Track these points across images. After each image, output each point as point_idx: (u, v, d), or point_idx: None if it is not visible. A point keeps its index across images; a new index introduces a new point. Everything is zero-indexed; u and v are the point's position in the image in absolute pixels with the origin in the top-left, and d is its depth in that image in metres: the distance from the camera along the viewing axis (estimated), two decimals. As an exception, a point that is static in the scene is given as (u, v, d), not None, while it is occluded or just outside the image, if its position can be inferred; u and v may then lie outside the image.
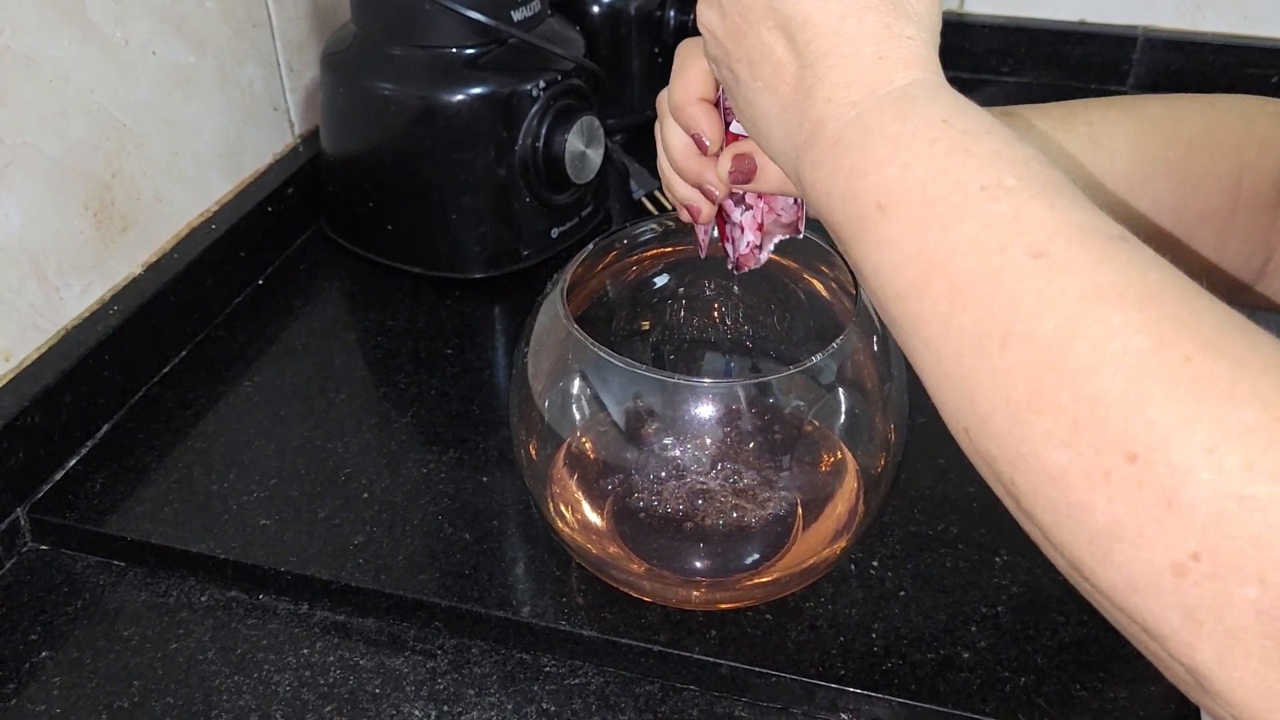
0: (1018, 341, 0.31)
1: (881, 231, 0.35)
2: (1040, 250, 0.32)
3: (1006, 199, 0.33)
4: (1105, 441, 0.29)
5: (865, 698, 0.52)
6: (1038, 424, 0.30)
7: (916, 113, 0.36)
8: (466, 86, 0.75)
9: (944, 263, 0.33)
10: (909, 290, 0.34)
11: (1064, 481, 0.30)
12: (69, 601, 0.58)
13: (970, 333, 0.32)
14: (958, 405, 0.33)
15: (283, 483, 0.63)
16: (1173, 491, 0.27)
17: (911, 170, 0.35)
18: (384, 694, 0.53)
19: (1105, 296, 0.30)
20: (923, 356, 0.35)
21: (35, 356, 0.65)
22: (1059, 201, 0.33)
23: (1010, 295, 0.31)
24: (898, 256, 0.35)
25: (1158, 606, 0.28)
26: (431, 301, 0.79)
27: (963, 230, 0.33)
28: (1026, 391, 0.30)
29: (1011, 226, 0.32)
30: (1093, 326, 0.30)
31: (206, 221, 0.78)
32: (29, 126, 0.62)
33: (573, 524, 0.55)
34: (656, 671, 0.54)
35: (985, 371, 0.32)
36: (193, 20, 0.74)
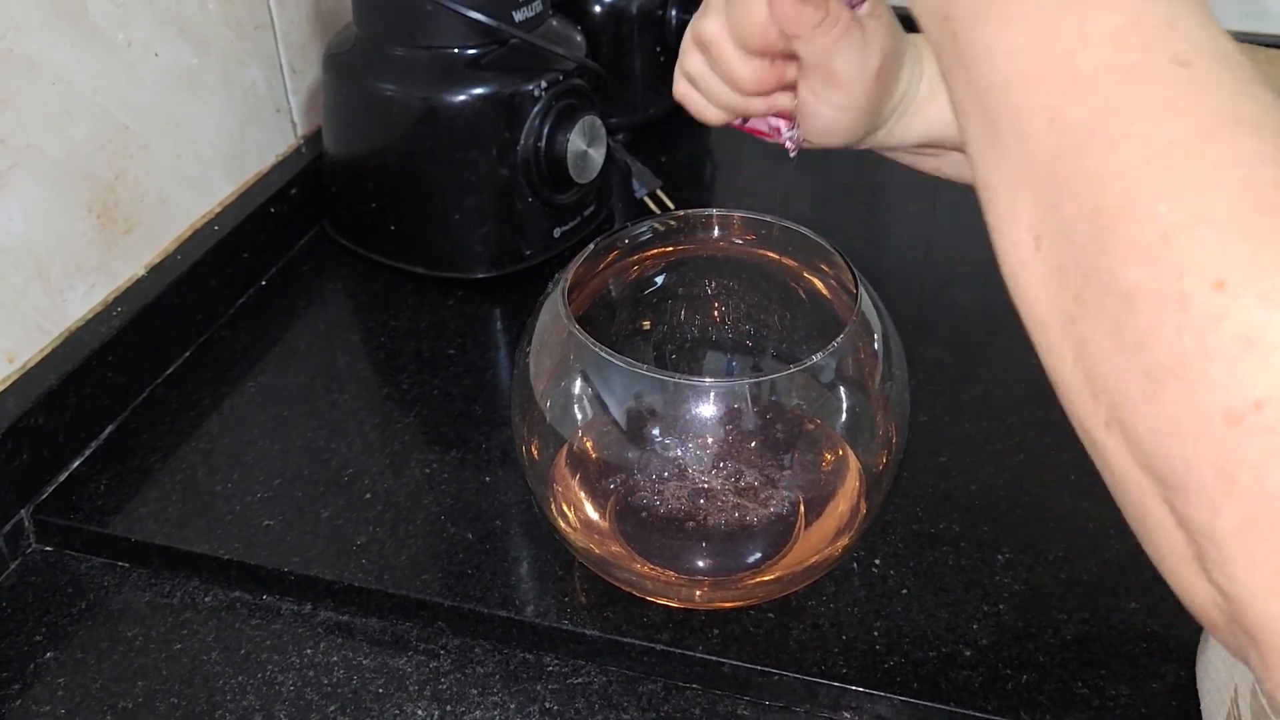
0: (1131, 144, 0.28)
1: (1012, 6, 0.31)
2: (1186, 60, 0.29)
3: (1165, 5, 0.30)
4: (1195, 264, 0.26)
5: (867, 696, 0.52)
6: (1123, 233, 0.28)
7: None
8: (468, 87, 0.75)
9: (1073, 49, 0.30)
10: (1024, 78, 0.31)
11: (1135, 302, 0.27)
12: (73, 602, 0.59)
13: (1079, 128, 0.29)
14: (1038, 209, 0.30)
15: (286, 483, 0.64)
16: (1258, 328, 0.25)
17: None
18: (387, 693, 0.53)
19: (1241, 122, 0.28)
20: (1009, 155, 0.32)
21: (39, 358, 0.65)
22: (1212, 24, 0.30)
23: (1139, 95, 0.29)
24: (1022, 36, 0.31)
25: (1194, 456, 0.26)
26: (434, 301, 0.80)
27: (1108, 20, 0.30)
28: (1121, 197, 0.28)
29: (1161, 29, 0.29)
30: (1220, 147, 0.27)
31: (209, 223, 0.78)
32: (32, 129, 0.62)
33: (575, 523, 0.55)
34: (659, 670, 0.55)
35: (1082, 171, 0.29)
36: (195, 22, 0.74)
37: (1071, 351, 0.30)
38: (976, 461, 0.64)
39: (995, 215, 0.32)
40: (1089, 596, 0.56)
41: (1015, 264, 0.32)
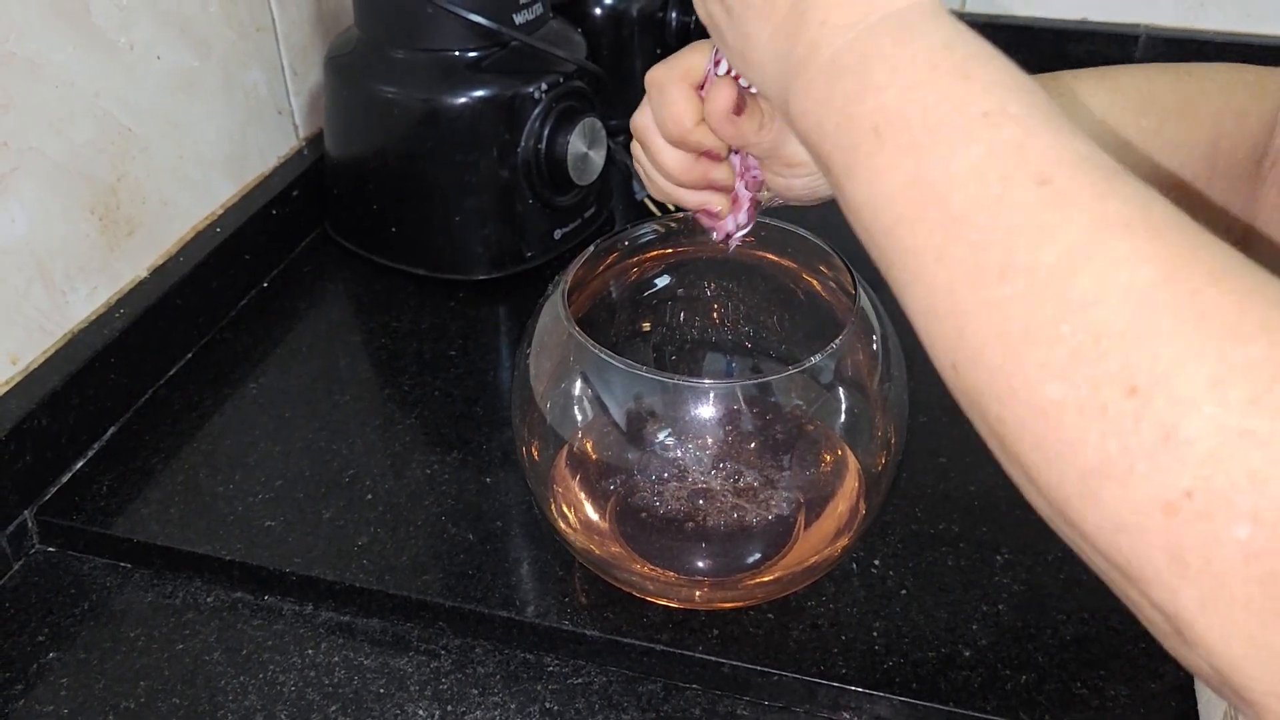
0: (1017, 272, 0.30)
1: (877, 159, 0.34)
2: (1046, 178, 0.31)
3: (1011, 126, 0.32)
4: (1105, 375, 0.28)
5: (867, 696, 0.53)
6: (1032, 356, 0.29)
7: (916, 37, 0.35)
8: (469, 89, 0.75)
9: (942, 191, 0.32)
10: (902, 221, 0.33)
11: (1056, 417, 0.29)
12: (76, 603, 0.59)
13: (966, 263, 0.31)
14: (947, 339, 0.32)
15: (288, 484, 0.64)
16: (1172, 425, 0.26)
17: (912, 94, 0.34)
18: (388, 694, 0.54)
19: (1111, 227, 0.29)
20: (913, 290, 0.33)
21: (42, 360, 0.65)
22: (1062, 131, 0.32)
23: (1012, 224, 0.30)
24: (893, 185, 0.33)
25: (1144, 547, 0.27)
26: (435, 303, 0.80)
27: (965, 156, 0.32)
28: (1023, 323, 0.29)
29: (1015, 154, 0.31)
30: (1099, 257, 0.29)
31: (211, 225, 0.78)
32: (34, 131, 0.63)
33: (575, 524, 0.56)
34: (659, 671, 0.55)
35: (980, 303, 0.31)
36: (197, 24, 0.74)
37: (1011, 465, 0.32)
38: (976, 462, 0.64)
39: (921, 340, 0.34)
40: (1088, 597, 0.56)
41: (949, 386, 0.34)
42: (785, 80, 0.38)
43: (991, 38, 1.12)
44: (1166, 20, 1.07)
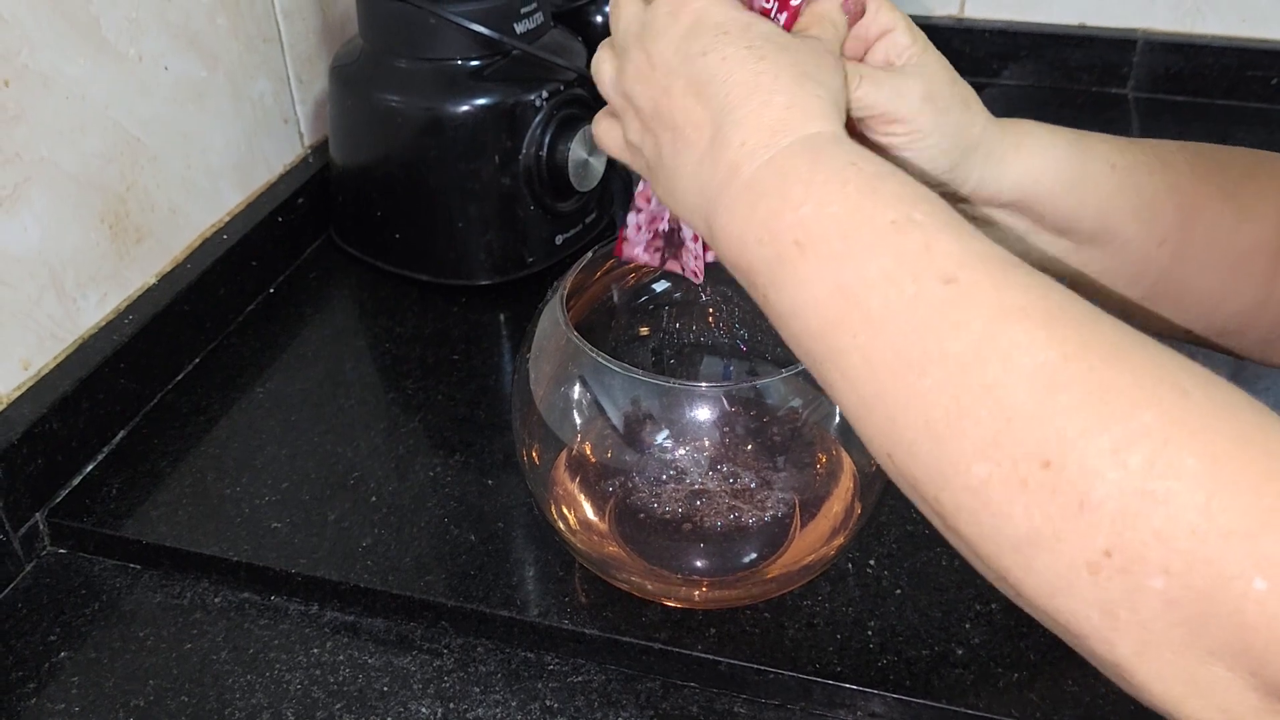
0: (934, 364, 0.33)
1: (800, 270, 0.37)
2: (950, 277, 0.34)
3: (916, 232, 0.35)
4: (1022, 452, 0.31)
5: (861, 694, 0.53)
6: (958, 441, 0.32)
7: (827, 158, 0.38)
8: (471, 97, 0.77)
9: (861, 295, 0.35)
10: (828, 325, 0.36)
11: (985, 494, 0.31)
12: (87, 603, 0.60)
13: (889, 360, 0.34)
14: (881, 431, 0.35)
15: (294, 486, 0.65)
16: (1083, 493, 0.29)
17: (827, 209, 0.37)
18: (392, 692, 0.55)
19: (1012, 316, 0.32)
20: (844, 389, 0.36)
21: (53, 365, 0.66)
22: (962, 233, 0.35)
23: (924, 321, 0.33)
24: (816, 293, 0.36)
25: (1078, 606, 0.30)
26: (439, 308, 0.81)
27: (878, 263, 0.35)
28: (945, 411, 0.32)
29: (922, 257, 0.35)
30: (1002, 344, 0.32)
31: (219, 232, 0.80)
32: (46, 143, 0.64)
33: (575, 526, 0.57)
34: (657, 669, 0.56)
35: (906, 395, 0.34)
36: (205, 36, 0.76)
37: (955, 540, 0.34)
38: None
39: (857, 432, 0.37)
40: (1079, 595, 0.57)
41: (889, 475, 0.36)
42: (709, 203, 0.41)
43: (990, 43, 1.13)
44: (1163, 25, 1.08)
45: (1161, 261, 0.51)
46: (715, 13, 0.43)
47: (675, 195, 0.43)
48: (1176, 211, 0.50)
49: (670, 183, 0.43)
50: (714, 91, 0.41)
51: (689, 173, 0.42)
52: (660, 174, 0.44)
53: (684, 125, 0.42)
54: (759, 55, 0.41)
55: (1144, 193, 0.50)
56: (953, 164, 0.49)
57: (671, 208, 0.45)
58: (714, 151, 0.41)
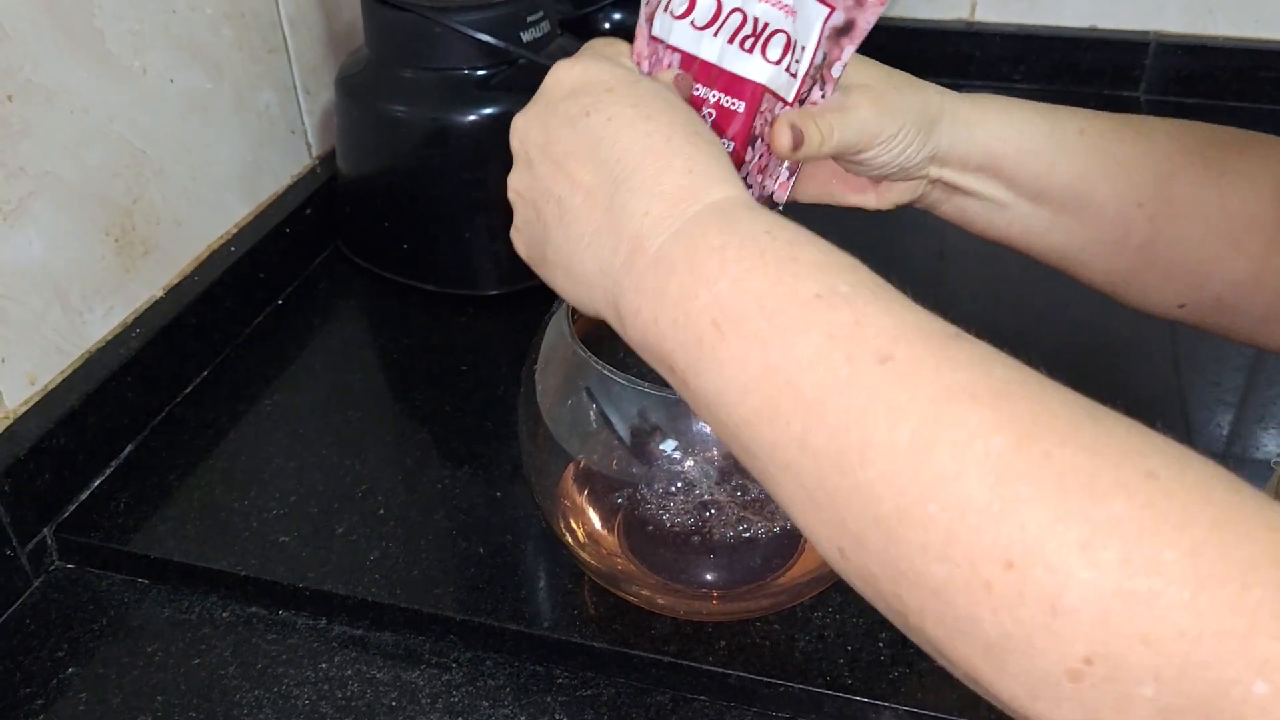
0: (877, 454, 0.30)
1: (721, 353, 0.34)
2: (886, 354, 0.31)
3: (844, 305, 0.32)
4: (980, 551, 0.28)
5: (873, 706, 0.53)
6: (911, 537, 0.29)
7: (738, 226, 0.35)
8: (478, 107, 0.76)
9: (791, 378, 0.32)
10: (758, 414, 0.33)
11: (947, 595, 0.29)
12: (95, 618, 0.60)
13: (828, 450, 0.31)
14: (827, 526, 0.32)
15: (301, 500, 0.65)
16: (1054, 596, 0.27)
17: (744, 283, 0.34)
18: (400, 706, 0.54)
19: (957, 397, 0.30)
20: (782, 482, 0.33)
21: (60, 379, 0.66)
22: (894, 304, 0.33)
23: (863, 405, 0.31)
24: (742, 378, 0.33)
25: (1061, 713, 0.28)
26: (446, 318, 0.81)
27: (806, 342, 0.32)
28: (894, 504, 0.29)
29: (854, 333, 0.32)
30: (950, 430, 0.29)
31: (226, 244, 0.80)
32: (51, 156, 0.64)
33: (583, 538, 0.56)
34: (667, 682, 0.55)
35: (850, 488, 0.31)
36: (210, 48, 0.76)
37: (918, 637, 0.31)
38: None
39: (800, 527, 0.34)
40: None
41: (838, 570, 0.33)
42: (612, 282, 0.38)
43: (1000, 46, 1.12)
44: (1175, 27, 1.07)
45: (1141, 225, 0.50)
46: (598, 70, 0.41)
47: (574, 276, 0.40)
48: (1153, 175, 0.49)
49: (567, 263, 0.40)
50: (603, 156, 0.38)
51: (585, 249, 0.39)
52: (553, 255, 0.41)
53: (571, 194, 0.39)
54: (646, 115, 0.39)
55: (1117, 157, 0.50)
56: (923, 141, 0.49)
57: (570, 295, 0.41)
58: (612, 221, 0.38)
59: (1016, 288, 0.83)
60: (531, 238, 0.43)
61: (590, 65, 0.41)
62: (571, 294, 0.41)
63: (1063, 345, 0.76)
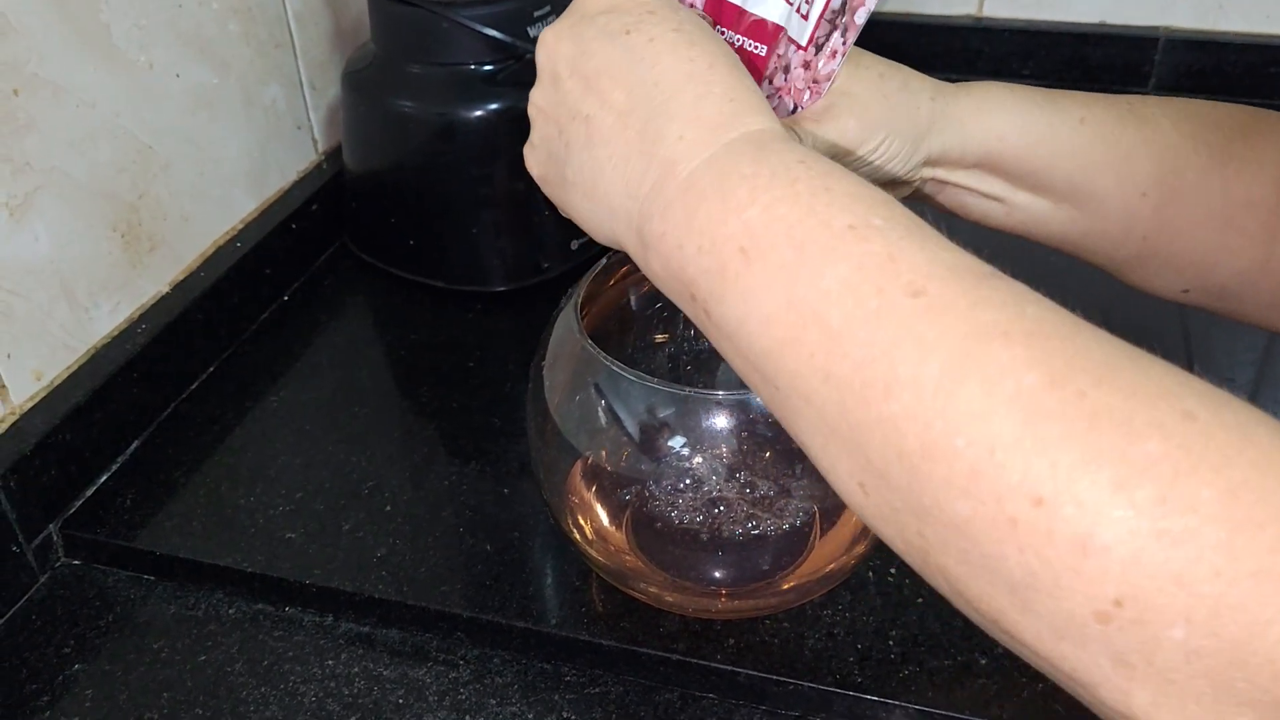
0: (903, 387, 0.29)
1: (746, 281, 0.33)
2: (918, 289, 0.30)
3: (877, 238, 0.32)
4: (1007, 488, 0.27)
5: (882, 705, 0.53)
6: (935, 473, 0.29)
7: (772, 155, 0.35)
8: (485, 102, 0.76)
9: (818, 309, 0.31)
10: (781, 344, 0.32)
11: (971, 532, 0.28)
12: (100, 615, 0.60)
13: (852, 382, 0.30)
14: (849, 460, 0.31)
15: (308, 496, 0.64)
16: (1086, 535, 0.26)
17: (775, 211, 0.33)
18: (407, 704, 0.54)
19: (989, 335, 0.29)
20: (802, 415, 0.32)
21: (66, 375, 0.66)
22: (928, 241, 0.32)
23: (891, 338, 0.30)
24: (767, 307, 0.33)
25: (1086, 655, 0.27)
26: (453, 315, 0.80)
27: (835, 272, 0.31)
28: (919, 440, 0.29)
29: (885, 266, 0.31)
30: (981, 367, 0.28)
31: (232, 240, 0.79)
32: (57, 152, 0.64)
33: (590, 536, 0.56)
34: (675, 680, 0.55)
35: (873, 421, 0.30)
36: (216, 43, 0.75)
37: (937, 577, 0.31)
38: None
39: (819, 465, 0.33)
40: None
41: (857, 508, 0.32)
42: (638, 206, 0.37)
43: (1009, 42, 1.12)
44: (1185, 22, 1.06)
45: (1145, 216, 0.49)
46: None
47: (595, 198, 0.39)
48: (1155, 164, 0.48)
49: (590, 185, 0.39)
50: (641, 76, 0.37)
51: (612, 171, 0.38)
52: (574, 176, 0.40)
53: (602, 113, 0.38)
54: (689, 40, 0.38)
55: (1118, 146, 0.49)
56: (910, 152, 0.48)
57: (587, 218, 0.40)
58: (644, 145, 0.37)
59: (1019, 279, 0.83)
60: (551, 156, 0.42)
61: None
62: (589, 217, 0.40)
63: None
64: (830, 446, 0.32)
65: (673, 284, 0.37)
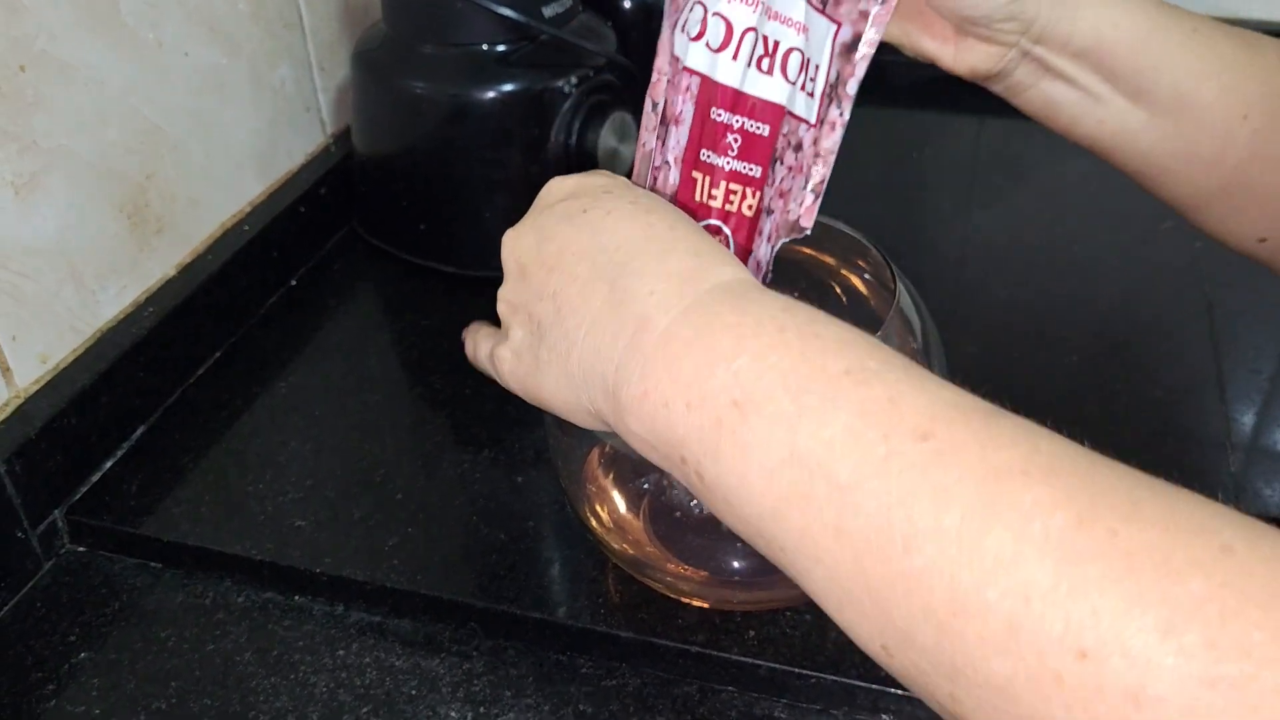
0: (924, 539, 0.28)
1: (743, 436, 0.31)
2: (925, 432, 0.29)
3: (876, 382, 0.31)
4: (1049, 640, 0.25)
5: (906, 699, 0.52)
6: (967, 630, 0.27)
7: (753, 304, 0.34)
8: (498, 84, 0.75)
9: (823, 460, 0.30)
10: (787, 501, 0.31)
11: (1011, 692, 0.26)
12: (107, 603, 0.59)
13: (868, 537, 0.29)
14: (869, 622, 0.30)
15: (318, 484, 0.63)
16: (1137, 687, 0.24)
17: (766, 359, 0.32)
18: (420, 695, 0.53)
19: (1008, 475, 0.27)
20: (815, 575, 0.31)
21: (72, 359, 0.65)
22: (927, 381, 0.31)
23: (904, 488, 0.28)
24: (767, 463, 0.31)
25: None
26: (465, 300, 0.79)
27: (839, 420, 0.30)
28: (946, 595, 0.27)
29: (889, 411, 0.30)
30: (1004, 510, 0.27)
31: (240, 222, 0.78)
32: (64, 131, 0.62)
33: (608, 524, 0.55)
34: (694, 672, 0.54)
35: (894, 578, 0.28)
36: (225, 22, 0.74)
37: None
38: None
39: (838, 623, 0.31)
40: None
41: (885, 668, 0.31)
42: (613, 369, 0.36)
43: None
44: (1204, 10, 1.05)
45: (1242, 140, 0.47)
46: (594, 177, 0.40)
47: (569, 372, 0.38)
48: (1261, 85, 0.46)
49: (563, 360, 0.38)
50: (602, 244, 0.37)
51: (584, 339, 0.37)
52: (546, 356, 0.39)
53: (567, 286, 0.37)
54: (646, 209, 0.38)
55: (1228, 60, 0.47)
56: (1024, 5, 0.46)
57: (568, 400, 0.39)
58: (615, 305, 0.36)
59: (1043, 277, 0.82)
60: (523, 349, 0.41)
61: (586, 175, 0.41)
62: (566, 397, 0.39)
63: (1093, 335, 0.74)
64: (847, 608, 0.30)
65: (659, 447, 0.35)
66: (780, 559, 0.32)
